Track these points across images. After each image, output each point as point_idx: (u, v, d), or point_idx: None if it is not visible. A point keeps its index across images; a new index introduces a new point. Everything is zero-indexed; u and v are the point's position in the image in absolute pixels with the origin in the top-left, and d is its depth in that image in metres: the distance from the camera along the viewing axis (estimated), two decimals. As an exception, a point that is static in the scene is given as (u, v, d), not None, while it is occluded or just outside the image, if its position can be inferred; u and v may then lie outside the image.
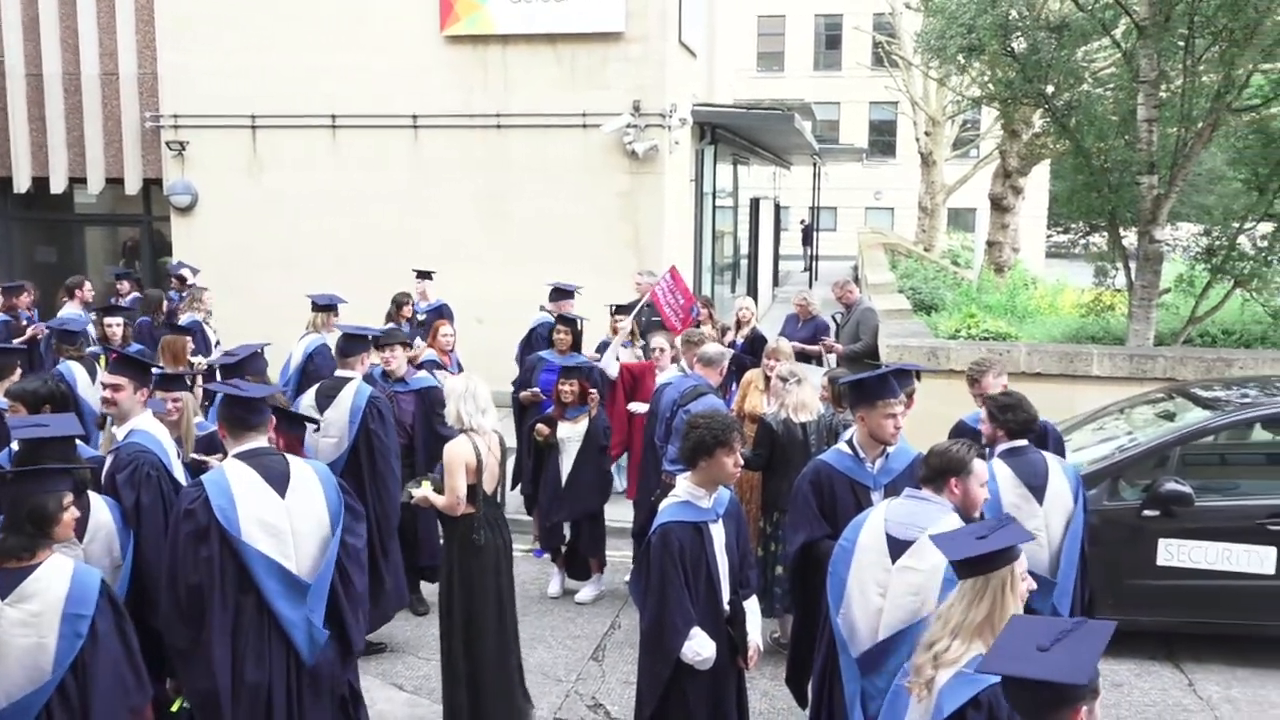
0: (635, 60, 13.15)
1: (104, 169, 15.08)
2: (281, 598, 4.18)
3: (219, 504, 4.13)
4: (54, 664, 3.57)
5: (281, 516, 4.21)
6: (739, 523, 4.65)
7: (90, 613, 3.64)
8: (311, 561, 4.25)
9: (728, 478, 4.47)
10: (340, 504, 4.38)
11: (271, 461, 4.32)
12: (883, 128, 43.39)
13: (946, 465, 4.07)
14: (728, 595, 4.52)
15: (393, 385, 7.22)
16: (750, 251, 22.47)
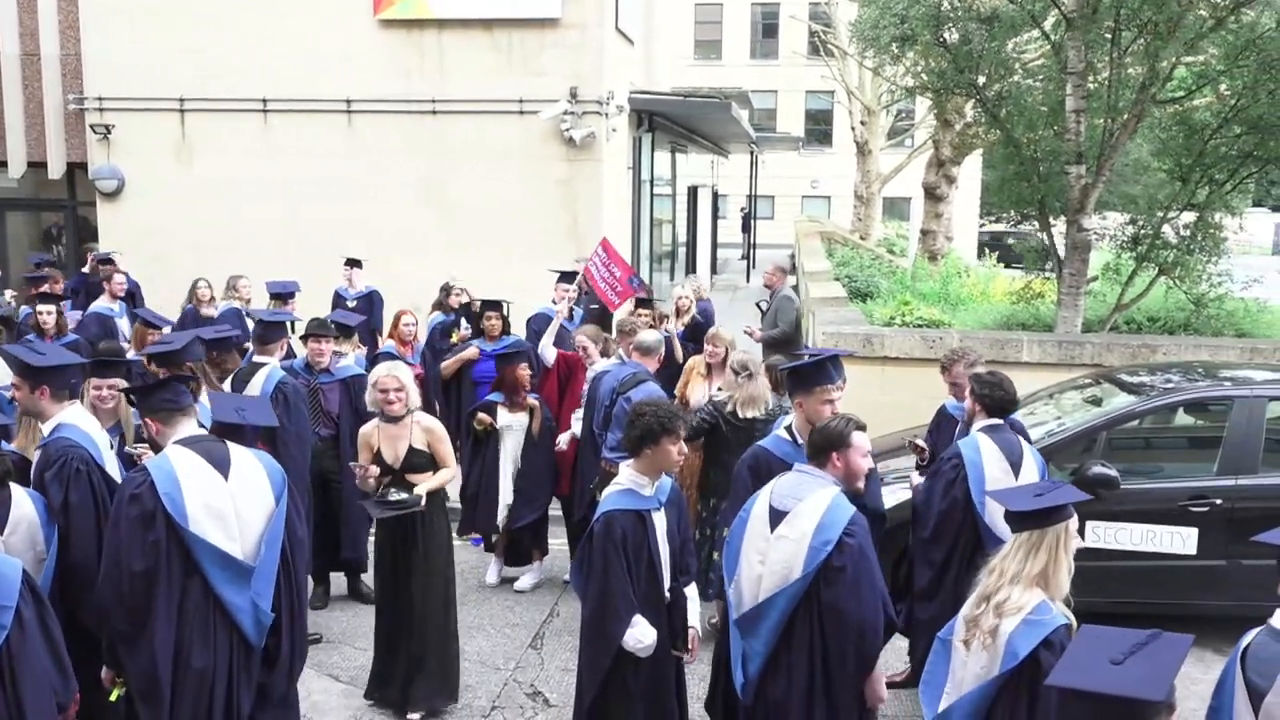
0: (572, 47, 13.10)
1: (26, 152, 14.66)
2: (226, 583, 4.15)
3: (165, 489, 4.07)
4: None
5: (225, 500, 4.17)
6: (680, 510, 4.68)
7: (13, 603, 3.55)
8: (256, 544, 4.22)
9: (672, 466, 4.49)
10: (283, 486, 4.35)
11: (212, 446, 4.28)
12: (819, 117, 43.70)
13: (827, 440, 4.25)
14: (669, 582, 4.56)
15: (317, 377, 7.14)
16: (688, 239, 22.55)
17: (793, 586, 4.09)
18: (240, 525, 4.19)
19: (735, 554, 4.36)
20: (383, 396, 5.68)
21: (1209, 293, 12.54)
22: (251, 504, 4.24)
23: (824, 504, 4.11)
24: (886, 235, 30.67)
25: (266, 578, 4.25)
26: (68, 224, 15.67)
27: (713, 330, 7.69)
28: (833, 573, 4.03)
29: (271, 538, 4.26)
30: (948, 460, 5.36)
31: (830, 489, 4.16)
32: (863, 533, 4.10)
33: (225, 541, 4.14)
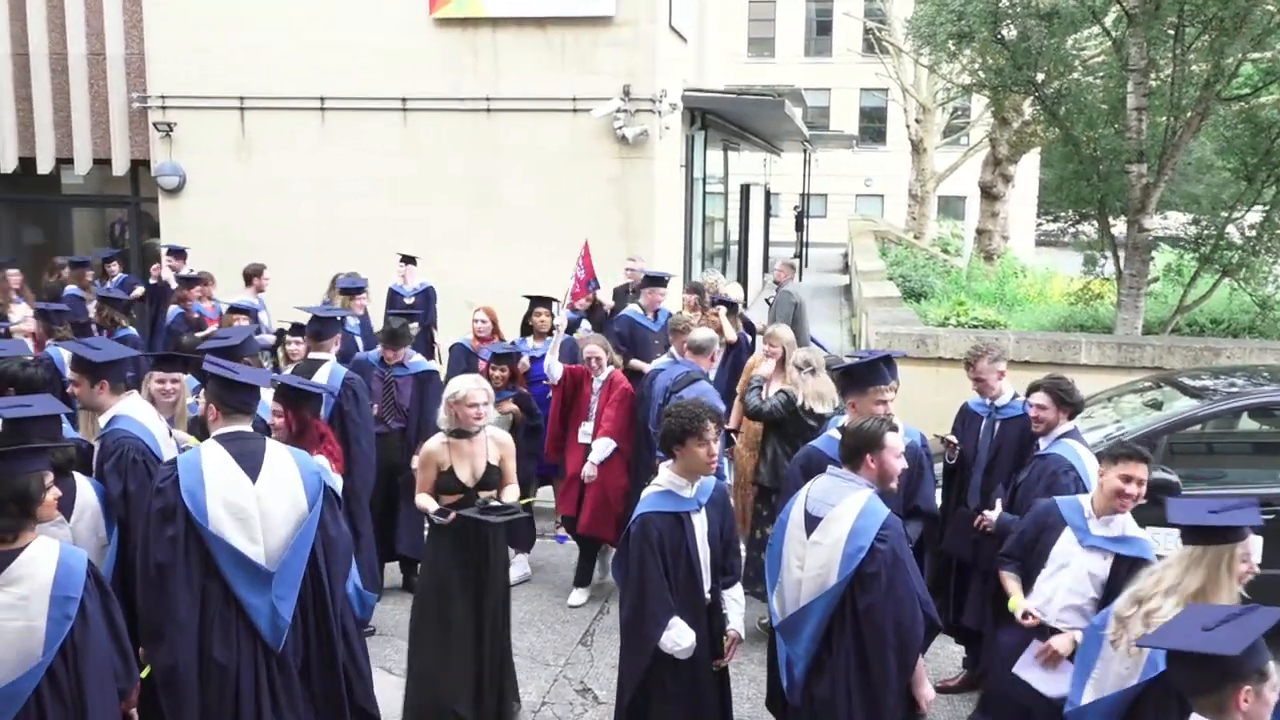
0: (625, 45, 13.10)
1: (91, 150, 14.97)
2: (244, 584, 4.15)
3: (187, 485, 4.10)
4: (44, 647, 3.55)
5: (250, 500, 4.16)
6: (724, 511, 4.63)
7: (79, 594, 3.62)
8: (281, 548, 4.20)
9: (703, 467, 4.44)
10: (319, 490, 4.31)
11: (248, 445, 4.26)
12: (873, 114, 43.33)
13: (860, 442, 4.22)
14: (709, 584, 4.52)
15: (391, 370, 7.24)
16: (740, 238, 22.46)
17: (829, 593, 4.08)
18: (265, 527, 4.18)
19: (776, 558, 4.35)
20: (472, 412, 5.27)
21: (1275, 294, 12.27)
22: (279, 506, 4.21)
23: (856, 509, 4.08)
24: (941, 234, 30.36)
25: (288, 582, 4.22)
26: (131, 220, 15.98)
27: (770, 329, 7.66)
28: (867, 579, 4.01)
29: (298, 543, 4.23)
30: (1064, 473, 5.13)
31: (863, 492, 4.13)
32: (896, 536, 4.07)
33: (245, 543, 4.14)
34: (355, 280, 9.39)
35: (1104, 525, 4.35)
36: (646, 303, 9.26)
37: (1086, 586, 4.32)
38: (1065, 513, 4.41)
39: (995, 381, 6.01)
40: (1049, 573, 4.40)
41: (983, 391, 6.08)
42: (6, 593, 3.52)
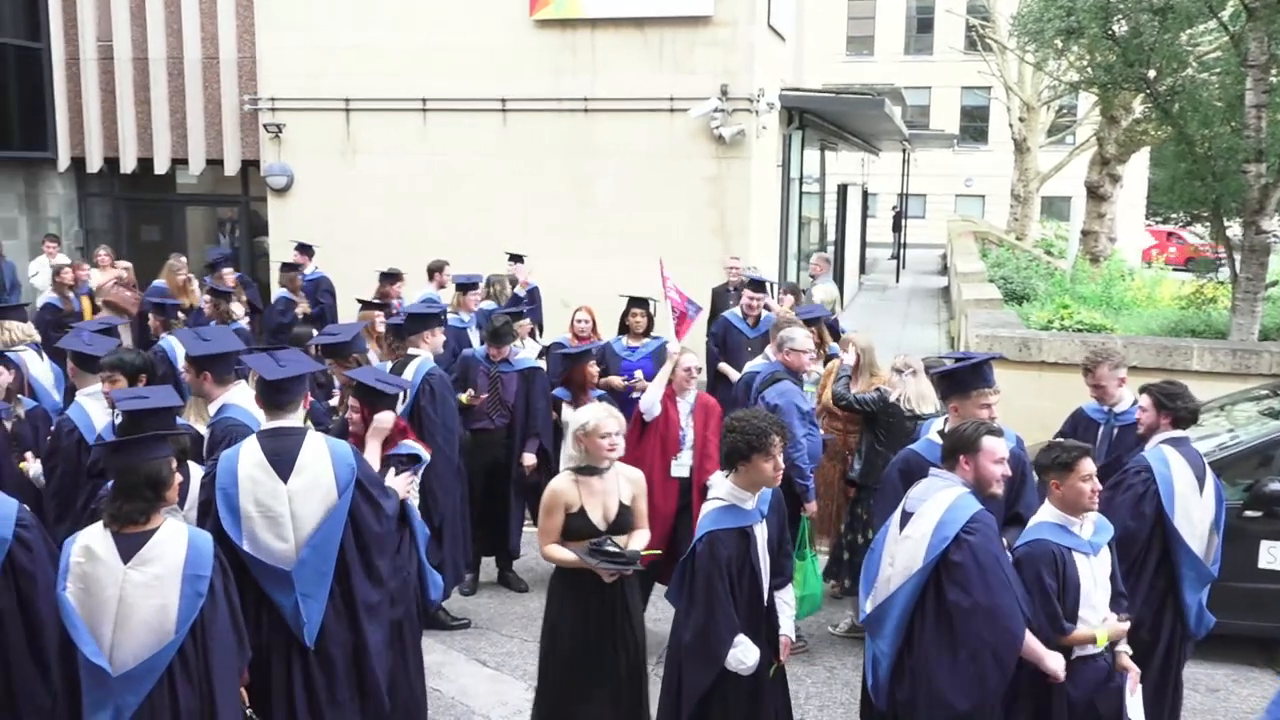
0: (723, 44, 13.08)
1: (205, 150, 15.52)
2: (269, 582, 4.23)
3: (222, 483, 4.21)
4: (177, 624, 3.69)
5: (281, 501, 4.22)
6: (780, 517, 4.57)
7: (208, 573, 3.76)
8: (307, 544, 4.25)
9: (769, 482, 4.36)
10: (350, 483, 4.32)
11: (284, 443, 4.31)
12: (975, 113, 42.47)
13: (956, 444, 4.19)
14: (768, 591, 4.48)
15: (497, 366, 7.33)
16: (837, 238, 22.24)
17: (911, 580, 4.03)
18: (295, 526, 4.24)
19: (875, 561, 4.30)
20: (604, 443, 4.63)
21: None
22: (310, 507, 4.25)
23: (946, 503, 4.03)
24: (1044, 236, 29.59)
25: (313, 580, 4.26)
26: (240, 218, 16.52)
27: (847, 334, 7.57)
28: (954, 569, 3.93)
29: (321, 540, 4.26)
30: (1134, 474, 5.03)
31: (956, 489, 4.09)
32: (986, 529, 3.98)
33: (275, 542, 4.21)
34: (471, 277, 9.54)
35: (1091, 526, 4.28)
36: (744, 307, 9.19)
37: (1107, 584, 4.30)
38: (1060, 542, 4.20)
39: (1115, 389, 5.84)
40: (1093, 601, 4.22)
41: (1101, 398, 5.90)
42: (141, 572, 3.67)
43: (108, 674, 3.62)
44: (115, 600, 3.63)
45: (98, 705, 3.62)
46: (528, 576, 7.68)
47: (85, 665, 3.61)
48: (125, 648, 3.63)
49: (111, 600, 3.62)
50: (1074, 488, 4.17)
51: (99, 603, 3.62)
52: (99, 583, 3.62)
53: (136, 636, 3.64)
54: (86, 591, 3.62)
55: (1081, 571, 4.18)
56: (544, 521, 4.70)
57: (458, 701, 5.92)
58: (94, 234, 16.56)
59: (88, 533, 3.72)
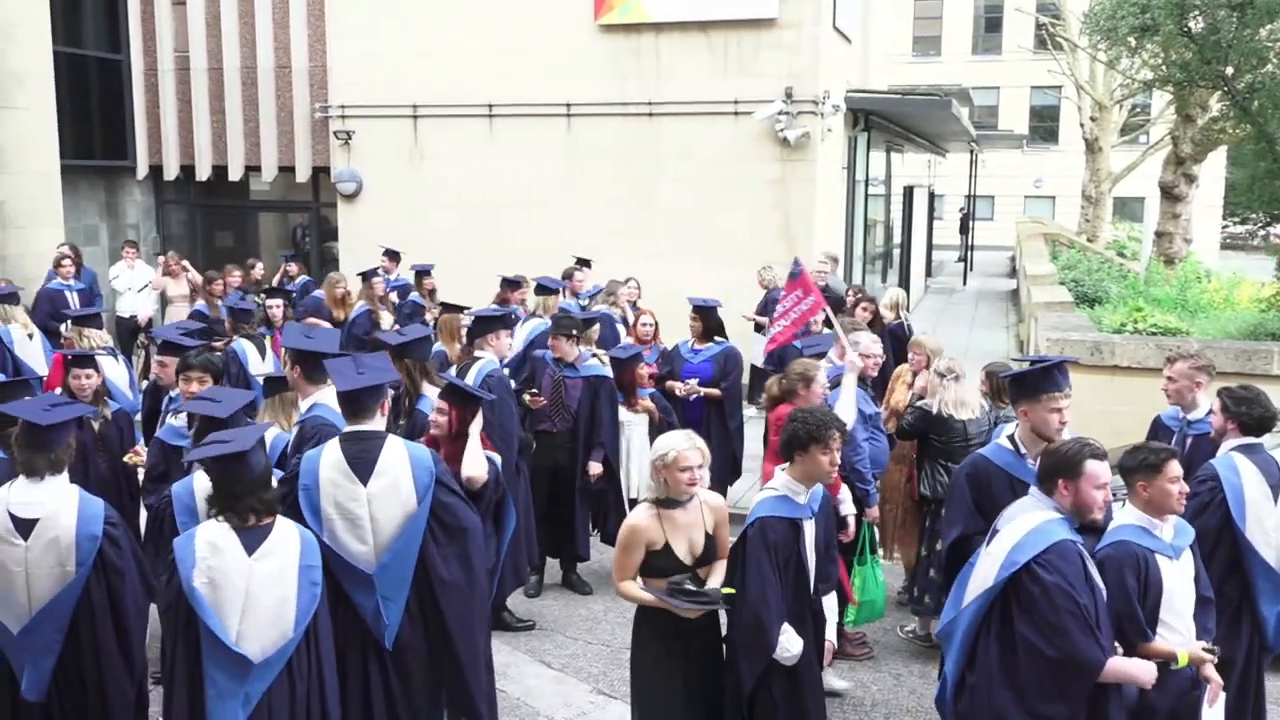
0: (788, 47, 13.03)
1: (277, 157, 15.84)
2: (350, 583, 4.31)
3: (304, 482, 4.31)
4: (297, 615, 3.83)
5: (361, 504, 4.29)
6: (828, 519, 4.57)
7: (319, 565, 3.92)
8: (390, 549, 4.31)
9: (824, 476, 4.36)
10: (429, 487, 4.37)
11: (365, 446, 4.37)
12: (1044, 113, 41.75)
13: (1054, 466, 3.98)
14: (813, 592, 4.46)
15: (563, 370, 7.38)
16: (903, 241, 22.01)
17: (979, 600, 3.95)
18: (374, 530, 4.30)
19: (966, 577, 4.16)
20: (685, 477, 4.24)
21: None
22: (388, 510, 4.32)
23: (1029, 526, 3.91)
24: (1117, 237, 28.98)
25: (393, 584, 4.33)
26: (311, 224, 16.83)
27: (915, 338, 7.49)
28: (1024, 597, 3.81)
29: (403, 545, 4.33)
30: (1200, 482, 4.88)
31: (1044, 513, 3.94)
32: (1063, 563, 3.77)
33: (355, 545, 4.29)
34: (552, 280, 9.62)
35: (1172, 529, 4.15)
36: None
37: (1190, 588, 4.16)
38: (1143, 544, 4.07)
39: (1191, 391, 5.64)
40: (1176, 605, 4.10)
41: (1176, 399, 5.72)
42: (265, 564, 3.80)
43: (250, 662, 3.73)
44: (243, 593, 3.74)
45: (227, 694, 3.72)
46: (592, 579, 7.72)
47: (218, 655, 3.71)
48: (252, 638, 3.76)
49: (239, 593, 3.74)
50: (1161, 489, 4.04)
51: (226, 595, 3.73)
52: (226, 576, 3.73)
53: (262, 627, 3.77)
54: (213, 585, 3.72)
55: (1165, 574, 4.07)
56: (621, 558, 4.36)
57: (523, 703, 5.97)
58: (170, 240, 16.99)
59: (209, 528, 3.82)
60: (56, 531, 4.10)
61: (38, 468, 4.15)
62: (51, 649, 4.14)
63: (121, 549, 4.22)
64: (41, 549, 4.08)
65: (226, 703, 3.71)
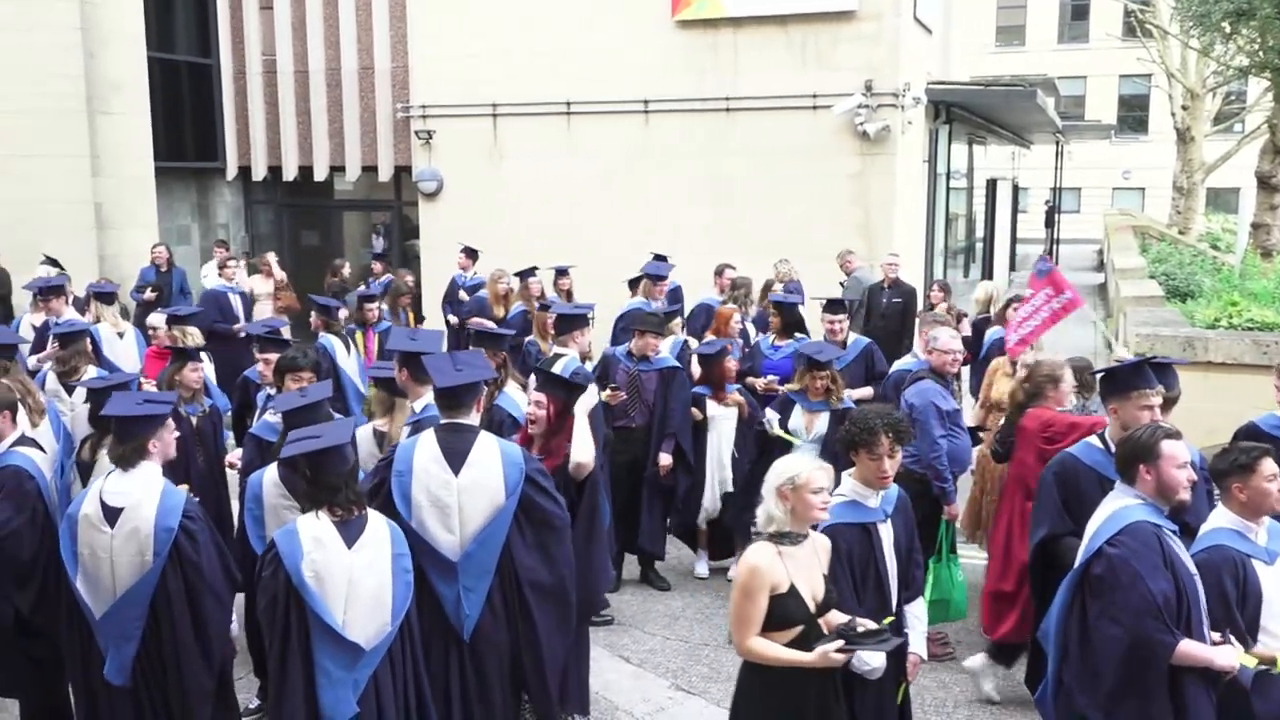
0: (868, 39, 12.89)
1: (360, 157, 16.13)
2: (433, 570, 4.38)
3: (398, 468, 4.41)
4: (394, 602, 3.96)
5: (451, 493, 4.36)
6: (907, 520, 4.39)
7: (409, 553, 4.04)
8: (475, 539, 4.38)
9: (877, 480, 4.20)
10: (519, 483, 4.42)
11: (459, 438, 4.45)
12: (1133, 103, 40.60)
13: (1132, 452, 3.93)
14: (895, 599, 4.28)
15: (637, 365, 7.42)
16: (985, 235, 21.64)
17: (1063, 592, 3.93)
18: (462, 520, 4.37)
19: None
20: (817, 500, 3.81)
21: None
22: (477, 501, 4.38)
23: (1107, 512, 3.87)
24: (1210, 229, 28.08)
25: (475, 574, 4.39)
26: (393, 222, 17.12)
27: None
28: (1092, 581, 3.78)
29: (487, 537, 4.38)
30: None
31: (1124, 499, 3.89)
32: (1135, 543, 3.73)
33: (442, 533, 4.36)
34: (661, 267, 9.64)
35: (1265, 533, 4.00)
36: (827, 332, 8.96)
37: None
38: (1239, 548, 3.94)
39: None
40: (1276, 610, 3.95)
41: None
42: (362, 555, 3.91)
43: (361, 649, 3.85)
44: (346, 584, 3.84)
45: (337, 683, 3.82)
46: (670, 575, 7.73)
47: (329, 644, 3.82)
48: (356, 627, 3.86)
49: (342, 584, 3.84)
50: (1258, 489, 3.92)
51: (332, 587, 3.83)
52: (330, 568, 3.83)
53: (364, 615, 3.88)
54: (319, 577, 3.82)
55: (1263, 579, 3.95)
56: (744, 607, 3.73)
57: (601, 697, 6.00)
58: (258, 239, 17.42)
59: (310, 522, 3.90)
60: (137, 521, 4.25)
61: (127, 458, 4.31)
62: (131, 636, 4.28)
63: (198, 543, 4.33)
64: (124, 537, 4.24)
65: (338, 690, 3.81)
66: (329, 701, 3.80)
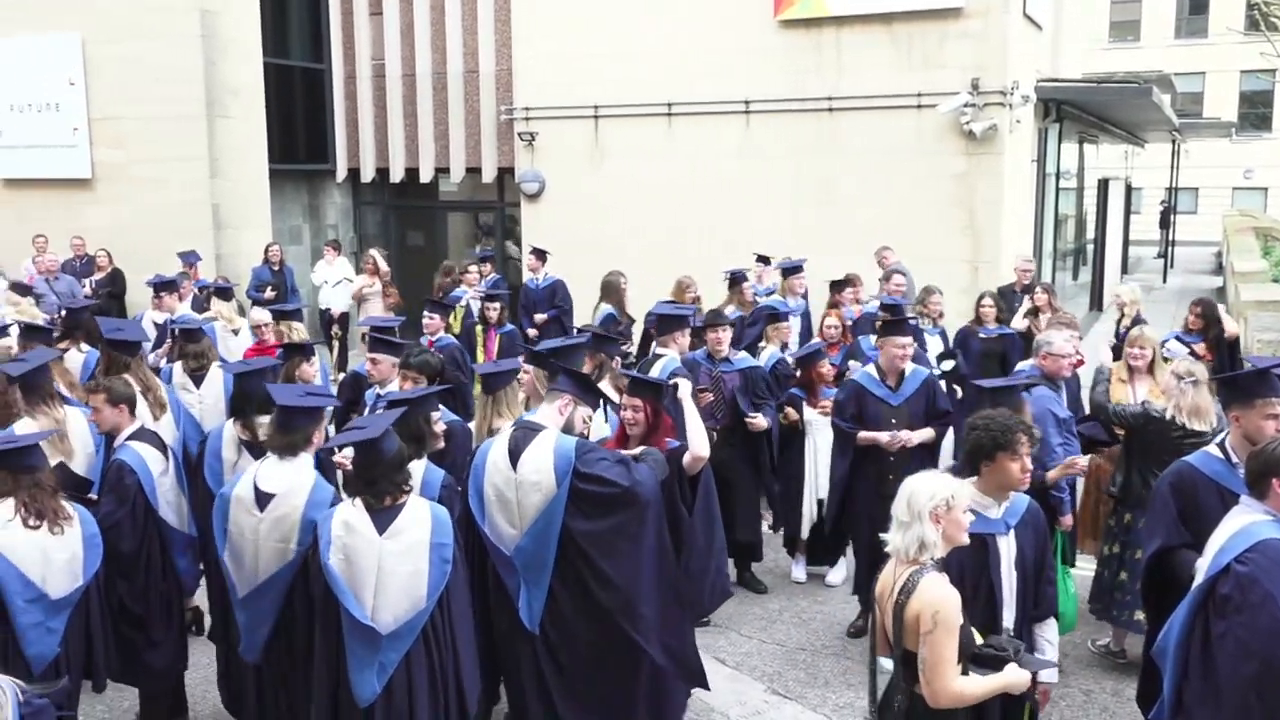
0: (975, 37, 12.63)
1: (464, 159, 16.40)
2: (501, 565, 4.56)
3: (476, 464, 4.65)
4: (429, 589, 4.08)
5: (511, 487, 4.53)
6: (1037, 533, 4.16)
7: (450, 542, 4.15)
8: (528, 532, 4.51)
9: (1014, 484, 4.03)
10: (567, 473, 4.47)
11: (524, 435, 4.63)
12: (1256, 99, 38.95)
13: (1264, 465, 3.73)
14: (1012, 616, 4.06)
15: (718, 365, 7.40)
16: (1097, 236, 21.00)
17: (1183, 608, 3.77)
18: (520, 513, 4.52)
19: None
20: (966, 520, 3.64)
21: None
22: (533, 495, 4.50)
23: (1234, 528, 3.69)
24: (1338, 231, 26.79)
25: (534, 566, 4.49)
26: (496, 224, 17.37)
27: (1136, 331, 7.10)
28: (1220, 601, 3.61)
29: (541, 528, 4.47)
30: None
31: (1252, 515, 3.70)
32: (1265, 561, 3.55)
33: (505, 525, 4.54)
34: (795, 262, 9.69)
35: None
36: None
37: None
38: None
39: None
40: None
41: None
42: (395, 542, 4.06)
43: (378, 634, 3.98)
44: (374, 569, 3.99)
45: (363, 664, 4.00)
46: (766, 578, 7.69)
47: (353, 627, 3.99)
48: (386, 610, 4.02)
49: (371, 569, 3.99)
50: None
51: (359, 570, 4.00)
52: (359, 553, 4.00)
53: (394, 600, 4.03)
54: (348, 561, 4.00)
55: None
56: (947, 647, 3.39)
57: (697, 698, 5.98)
58: (366, 240, 17.84)
59: (345, 509, 4.10)
60: (286, 509, 4.45)
61: (288, 448, 4.54)
62: (266, 619, 4.50)
63: None
64: (271, 523, 4.44)
65: (364, 672, 4.00)
66: (355, 681, 4.02)
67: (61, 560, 4.47)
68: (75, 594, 4.54)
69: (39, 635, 4.40)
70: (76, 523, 4.55)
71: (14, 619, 4.34)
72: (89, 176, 15.14)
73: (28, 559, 4.36)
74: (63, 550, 4.47)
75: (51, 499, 4.49)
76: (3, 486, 4.41)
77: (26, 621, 4.36)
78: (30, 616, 4.37)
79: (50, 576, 4.43)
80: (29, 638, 4.37)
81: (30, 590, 4.37)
